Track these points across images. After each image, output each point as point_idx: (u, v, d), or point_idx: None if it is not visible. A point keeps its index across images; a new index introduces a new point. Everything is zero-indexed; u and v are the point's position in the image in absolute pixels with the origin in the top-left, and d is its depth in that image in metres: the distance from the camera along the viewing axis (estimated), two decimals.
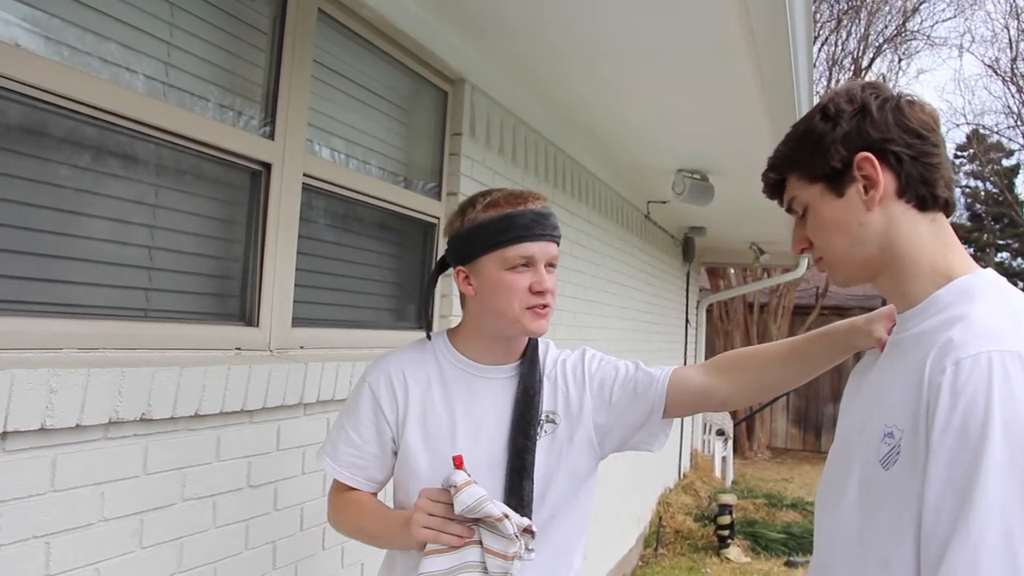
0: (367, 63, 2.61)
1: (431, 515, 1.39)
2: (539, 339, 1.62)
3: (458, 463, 1.41)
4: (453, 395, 1.55)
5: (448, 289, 3.00)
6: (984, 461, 0.95)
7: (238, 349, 2.02)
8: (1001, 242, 27.32)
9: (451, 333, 1.63)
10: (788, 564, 6.58)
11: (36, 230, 1.57)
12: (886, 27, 16.27)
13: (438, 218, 2.98)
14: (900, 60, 17.50)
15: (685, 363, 8.89)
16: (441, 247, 2.97)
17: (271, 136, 2.12)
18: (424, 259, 2.98)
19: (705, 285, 12.17)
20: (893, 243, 1.18)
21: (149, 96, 1.77)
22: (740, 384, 1.57)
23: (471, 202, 1.54)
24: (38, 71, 1.51)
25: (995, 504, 0.93)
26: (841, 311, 12.77)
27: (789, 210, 1.30)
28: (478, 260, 1.50)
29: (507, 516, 1.35)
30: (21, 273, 1.55)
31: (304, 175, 2.24)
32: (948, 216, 1.21)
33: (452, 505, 1.37)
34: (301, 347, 2.25)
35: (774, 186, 1.32)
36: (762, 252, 8.88)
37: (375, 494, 1.63)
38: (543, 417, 1.54)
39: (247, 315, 2.09)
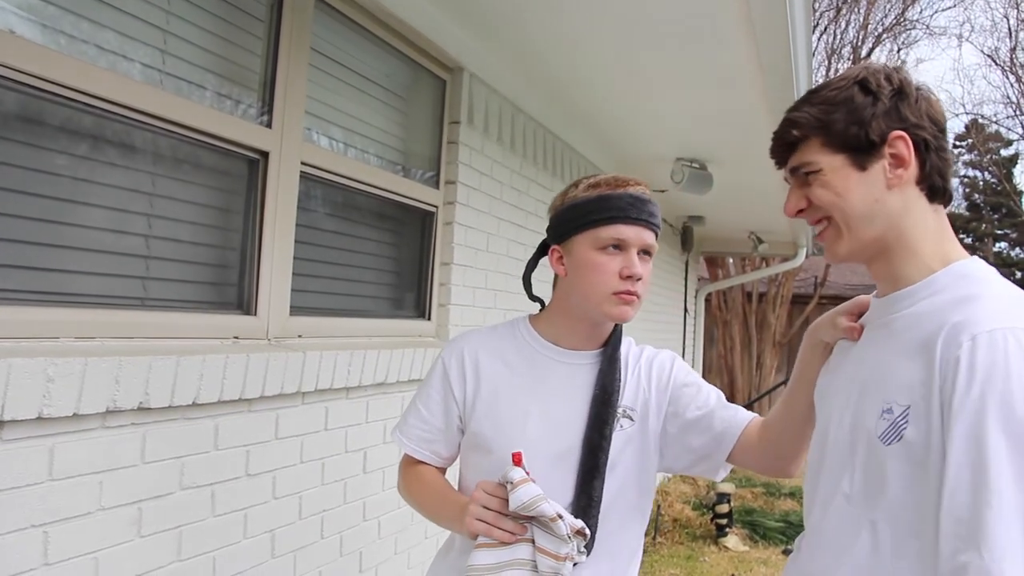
0: (365, 51, 2.60)
1: (485, 508, 1.38)
2: (622, 335, 1.59)
3: (517, 460, 1.39)
4: (528, 378, 1.53)
5: (446, 278, 3.00)
6: (1002, 436, 0.98)
7: (236, 338, 2.02)
8: (999, 232, 27.35)
9: (533, 317, 1.62)
10: (786, 552, 6.60)
11: (33, 219, 1.57)
12: (885, 16, 16.23)
13: (436, 207, 2.97)
14: (899, 49, 17.47)
15: (683, 352, 8.90)
16: (438, 236, 2.97)
17: (268, 124, 2.11)
18: (422, 248, 2.97)
19: (704, 274, 12.17)
20: (902, 227, 1.19)
21: (146, 84, 1.76)
22: (775, 435, 1.52)
23: (576, 182, 1.53)
24: (35, 59, 1.50)
25: (1011, 480, 0.96)
26: (840, 301, 12.76)
27: (793, 172, 1.27)
28: (572, 239, 1.49)
29: (561, 516, 1.34)
30: (18, 262, 1.54)
31: (302, 163, 2.23)
32: (945, 208, 1.25)
33: (507, 500, 1.36)
34: (299, 336, 2.25)
35: (790, 145, 1.26)
36: (761, 241, 8.87)
37: (444, 470, 1.64)
38: (620, 411, 1.52)
39: (245, 304, 2.09)
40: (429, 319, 2.98)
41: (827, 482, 1.23)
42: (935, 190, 1.20)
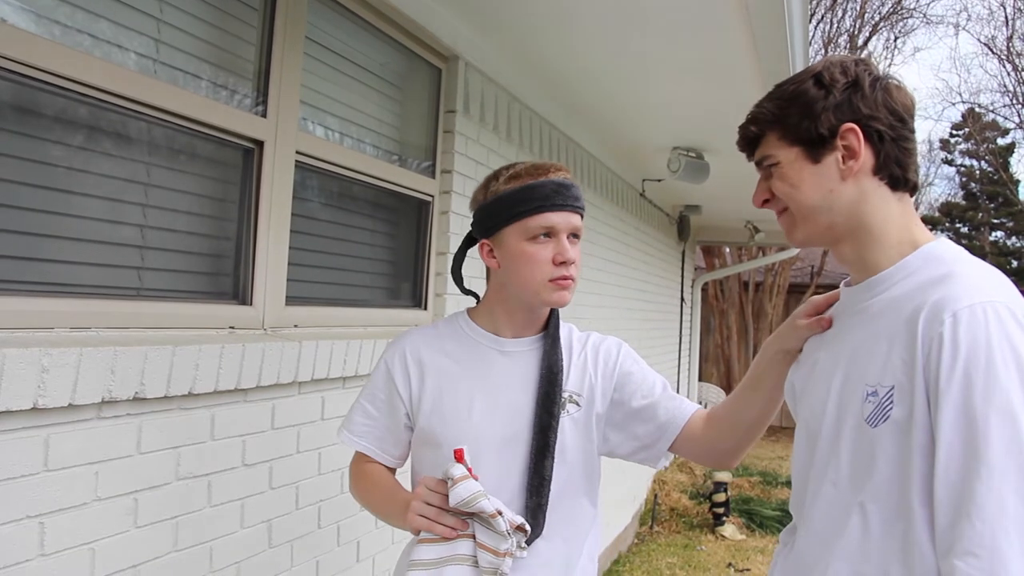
0: (360, 40, 2.59)
1: (427, 504, 1.40)
2: (561, 321, 1.62)
3: (458, 456, 1.40)
4: (471, 369, 1.55)
5: (443, 268, 3.00)
6: (989, 408, 1.00)
7: (231, 328, 2.02)
8: (995, 221, 27.39)
9: (471, 310, 1.64)
10: None
11: (27, 209, 1.56)
12: (882, 5, 16.20)
13: (432, 196, 2.96)
14: (896, 38, 17.48)
15: (680, 342, 8.91)
16: (435, 225, 2.97)
17: (263, 114, 2.10)
18: (418, 237, 2.97)
19: (700, 264, 12.18)
20: (862, 215, 1.22)
21: (140, 73, 1.75)
22: (722, 431, 1.56)
23: (495, 175, 1.54)
24: (29, 49, 1.49)
25: (1001, 450, 0.98)
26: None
27: (758, 165, 1.32)
28: (501, 232, 1.50)
29: (500, 513, 1.35)
30: (12, 252, 1.54)
31: (297, 153, 2.22)
32: (912, 197, 1.28)
33: (448, 496, 1.37)
34: (295, 325, 2.25)
35: (752, 140, 1.33)
36: (757, 231, 8.88)
37: (393, 470, 1.65)
38: (567, 396, 1.54)
39: (240, 294, 2.08)
40: (425, 309, 2.98)
41: (816, 473, 1.25)
42: (895, 179, 1.22)
